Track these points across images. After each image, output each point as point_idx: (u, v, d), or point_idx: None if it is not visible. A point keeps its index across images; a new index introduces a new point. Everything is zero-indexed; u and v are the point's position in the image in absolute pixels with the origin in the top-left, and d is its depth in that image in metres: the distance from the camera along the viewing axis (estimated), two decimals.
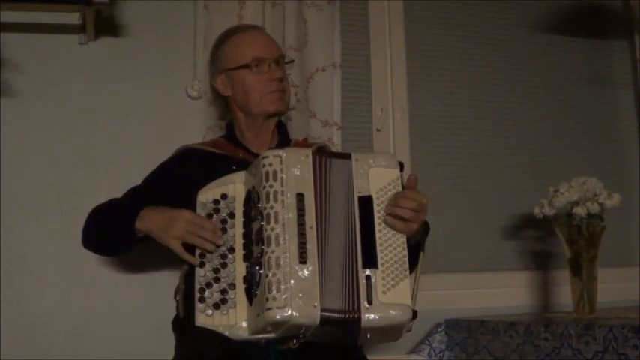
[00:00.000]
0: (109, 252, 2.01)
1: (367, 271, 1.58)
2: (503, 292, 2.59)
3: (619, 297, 2.54)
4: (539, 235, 2.68)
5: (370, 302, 1.56)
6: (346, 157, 1.69)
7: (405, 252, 1.63)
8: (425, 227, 1.75)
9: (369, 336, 1.60)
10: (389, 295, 1.57)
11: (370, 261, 1.59)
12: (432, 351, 2.34)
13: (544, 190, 2.28)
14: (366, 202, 1.64)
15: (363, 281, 1.58)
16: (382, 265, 1.59)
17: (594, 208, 2.17)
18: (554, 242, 2.44)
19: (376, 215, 1.63)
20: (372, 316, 1.55)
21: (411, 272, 1.63)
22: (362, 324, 1.55)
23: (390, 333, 1.62)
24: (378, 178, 1.66)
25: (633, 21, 2.92)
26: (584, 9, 2.88)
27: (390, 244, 1.62)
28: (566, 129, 2.84)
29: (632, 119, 2.93)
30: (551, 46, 2.86)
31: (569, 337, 1.89)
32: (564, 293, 2.35)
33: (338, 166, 1.67)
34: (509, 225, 2.70)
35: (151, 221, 1.74)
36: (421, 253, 1.76)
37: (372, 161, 1.68)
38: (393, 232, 1.63)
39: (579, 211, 2.16)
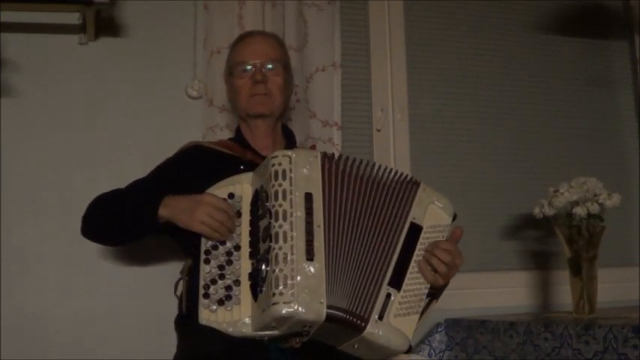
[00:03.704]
0: (114, 240, 1.94)
1: (389, 290, 1.62)
2: (503, 292, 2.59)
3: (619, 297, 2.54)
4: (539, 235, 2.67)
5: (381, 318, 1.59)
6: (416, 183, 1.76)
7: (426, 292, 1.68)
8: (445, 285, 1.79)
9: (356, 346, 1.61)
10: (398, 320, 1.61)
11: (397, 282, 1.64)
12: (432, 351, 2.34)
13: (544, 190, 2.28)
14: (416, 230, 1.70)
15: (382, 296, 1.61)
16: (404, 291, 1.64)
17: (594, 208, 2.17)
18: (554, 242, 2.44)
19: (418, 247, 1.69)
20: (377, 330, 1.58)
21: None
22: (363, 332, 1.57)
23: (375, 354, 1.64)
24: (432, 216, 1.73)
25: (633, 21, 2.92)
26: (584, 9, 2.88)
27: (417, 277, 1.68)
28: (566, 129, 2.84)
29: (632, 119, 2.93)
30: (552, 46, 2.86)
31: (569, 337, 1.89)
32: (564, 293, 2.36)
33: (402, 189, 1.73)
34: (509, 225, 2.70)
35: (175, 206, 1.73)
36: (433, 301, 1.78)
37: (435, 199, 1.76)
38: None
39: (579, 211, 2.16)
